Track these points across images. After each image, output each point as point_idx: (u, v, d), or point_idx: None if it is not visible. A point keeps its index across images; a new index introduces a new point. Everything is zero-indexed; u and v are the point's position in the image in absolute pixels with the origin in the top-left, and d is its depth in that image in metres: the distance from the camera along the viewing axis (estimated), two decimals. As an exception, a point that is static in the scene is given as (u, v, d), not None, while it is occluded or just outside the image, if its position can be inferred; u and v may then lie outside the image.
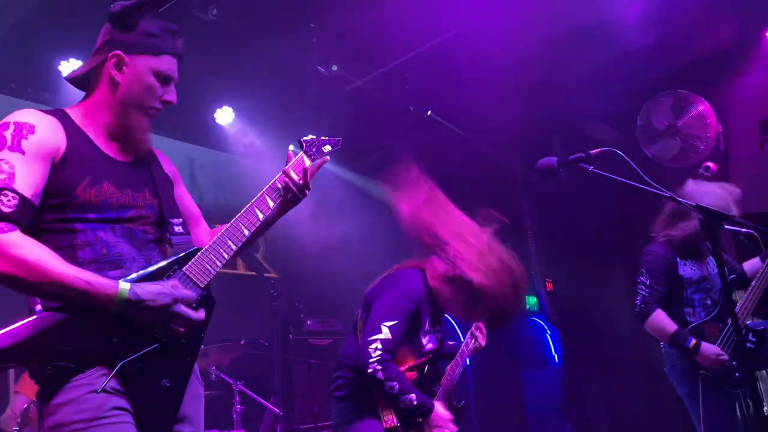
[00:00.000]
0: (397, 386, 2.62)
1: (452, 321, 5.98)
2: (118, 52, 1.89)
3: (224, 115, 6.22)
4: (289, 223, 6.87)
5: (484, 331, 3.29)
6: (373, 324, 2.70)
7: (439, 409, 2.79)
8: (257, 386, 5.14)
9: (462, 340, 3.32)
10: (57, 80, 5.17)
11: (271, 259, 6.87)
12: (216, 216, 2.32)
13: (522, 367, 6.60)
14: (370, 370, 2.60)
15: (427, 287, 2.88)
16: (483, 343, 3.27)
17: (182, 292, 1.75)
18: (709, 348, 3.33)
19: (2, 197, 1.65)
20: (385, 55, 5.46)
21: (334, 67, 5.49)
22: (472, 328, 3.30)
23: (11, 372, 4.27)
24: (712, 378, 3.34)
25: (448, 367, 3.10)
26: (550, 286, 6.56)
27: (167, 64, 1.94)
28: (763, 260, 3.52)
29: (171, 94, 1.98)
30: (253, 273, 5.30)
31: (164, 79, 1.94)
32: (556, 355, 6.74)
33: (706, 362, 3.33)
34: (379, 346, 2.63)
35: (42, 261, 1.63)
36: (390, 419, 2.66)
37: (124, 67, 1.90)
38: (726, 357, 3.32)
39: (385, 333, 2.66)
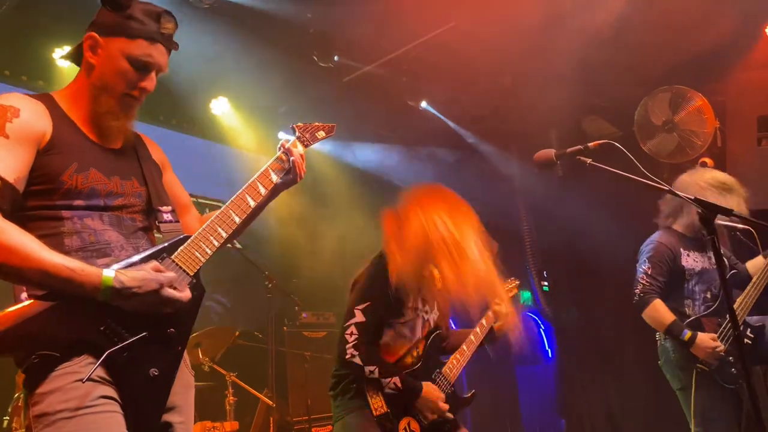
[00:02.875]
0: (377, 370, 2.61)
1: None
2: (93, 33, 1.84)
3: (219, 106, 6.19)
4: (284, 214, 6.85)
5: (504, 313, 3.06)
6: (348, 309, 2.71)
7: (429, 390, 2.75)
8: (251, 378, 5.13)
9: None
10: (51, 68, 5.14)
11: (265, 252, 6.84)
12: (209, 206, 2.29)
13: (516, 363, 6.60)
14: (347, 356, 2.60)
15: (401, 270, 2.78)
16: (502, 324, 3.05)
17: (166, 276, 1.73)
18: (705, 339, 3.31)
19: None
20: (383, 46, 5.43)
21: (336, 58, 5.46)
22: (486, 313, 3.13)
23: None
24: (707, 372, 3.33)
25: (452, 356, 3.02)
26: (545, 283, 6.56)
27: (143, 48, 1.83)
28: (765, 257, 3.50)
29: (147, 81, 1.87)
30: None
31: (140, 64, 1.84)
32: (550, 351, 6.74)
33: (702, 354, 3.31)
34: (354, 330, 2.64)
35: (25, 247, 1.60)
36: (379, 406, 2.64)
37: (99, 50, 1.85)
38: (722, 347, 3.30)
39: (358, 316, 2.66)
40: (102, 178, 1.83)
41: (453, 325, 5.79)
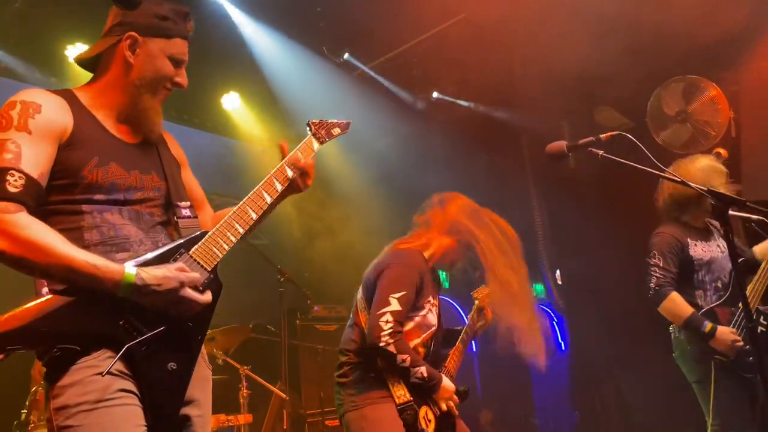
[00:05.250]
0: (408, 359, 2.63)
1: (454, 304, 5.99)
2: (133, 33, 1.89)
3: (231, 101, 6.21)
4: (296, 208, 6.85)
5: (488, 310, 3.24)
6: (381, 297, 2.71)
7: (446, 381, 2.81)
8: (264, 371, 5.16)
9: (466, 322, 3.31)
10: (64, 65, 5.18)
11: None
12: (221, 201, 2.30)
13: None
14: (382, 344, 2.60)
15: (426, 262, 2.92)
16: (489, 316, 3.20)
17: (188, 276, 1.74)
18: (724, 332, 3.30)
19: (9, 177, 1.64)
20: (393, 40, 5.42)
21: (345, 55, 5.46)
22: (475, 308, 3.26)
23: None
24: (726, 363, 3.31)
25: (451, 351, 3.08)
26: (559, 278, 6.54)
27: (179, 47, 1.96)
28: None
29: (182, 77, 1.99)
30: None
31: (176, 62, 1.96)
32: (563, 343, 6.72)
33: (721, 346, 3.30)
34: (390, 318, 2.64)
35: (49, 242, 1.62)
36: (402, 394, 2.67)
37: (138, 49, 1.90)
38: (741, 342, 3.29)
39: (394, 304, 2.67)
40: (122, 172, 1.85)
41: (458, 307, 5.83)
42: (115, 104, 1.93)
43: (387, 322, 2.63)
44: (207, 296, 1.79)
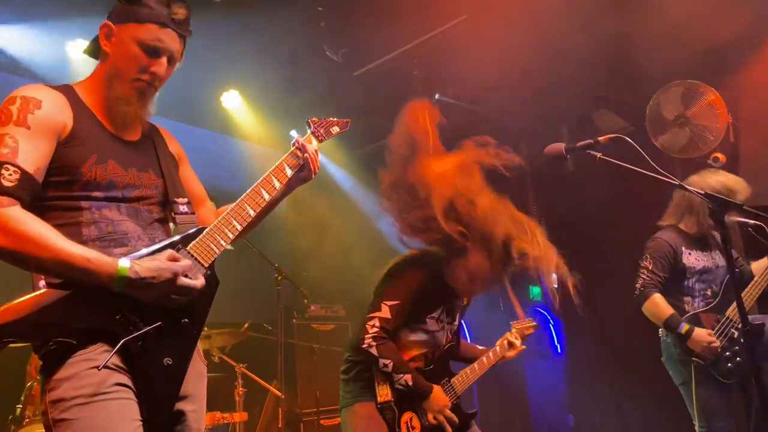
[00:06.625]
0: (391, 365, 2.67)
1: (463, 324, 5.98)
2: (108, 22, 1.88)
3: (231, 99, 6.21)
4: (293, 207, 6.85)
5: (518, 342, 3.21)
6: (376, 302, 2.78)
7: (439, 394, 2.79)
8: (260, 369, 5.16)
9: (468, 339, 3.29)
10: (64, 61, 5.17)
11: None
12: (218, 199, 2.31)
13: (525, 358, 6.60)
14: (364, 345, 2.67)
15: (444, 274, 2.89)
16: (512, 354, 3.19)
17: (181, 264, 1.74)
18: (701, 333, 3.37)
19: (3, 171, 1.64)
20: (394, 40, 5.42)
21: (343, 52, 5.46)
22: (506, 336, 3.24)
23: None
24: (703, 366, 3.36)
25: (463, 371, 3.06)
26: (555, 281, 6.54)
27: (153, 33, 1.84)
28: None
29: (158, 65, 1.86)
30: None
31: (150, 49, 1.85)
32: (558, 346, 6.73)
33: (697, 348, 3.36)
34: (377, 324, 2.70)
35: (43, 236, 1.62)
36: (384, 394, 2.71)
37: (112, 37, 1.88)
38: (717, 343, 3.33)
39: (384, 311, 2.73)
40: (120, 170, 1.85)
41: (464, 325, 5.82)
42: (102, 96, 1.90)
43: (373, 326, 2.70)
44: (201, 280, 1.79)
